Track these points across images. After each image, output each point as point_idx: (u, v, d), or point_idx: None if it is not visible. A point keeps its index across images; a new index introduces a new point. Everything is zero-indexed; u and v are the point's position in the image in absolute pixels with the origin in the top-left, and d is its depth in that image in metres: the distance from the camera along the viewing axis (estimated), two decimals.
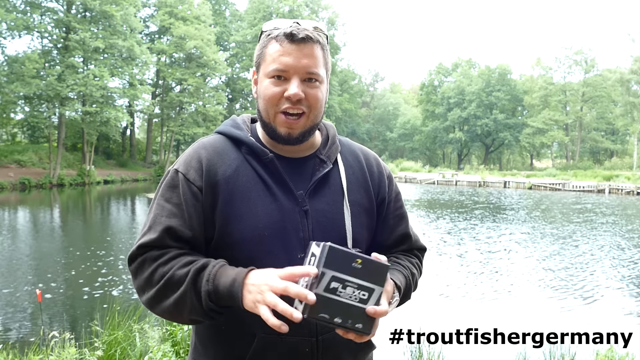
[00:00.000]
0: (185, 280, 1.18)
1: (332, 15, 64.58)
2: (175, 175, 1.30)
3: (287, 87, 1.28)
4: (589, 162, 59.27)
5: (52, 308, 7.55)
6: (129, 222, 18.60)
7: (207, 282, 1.17)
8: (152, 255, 1.23)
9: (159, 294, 1.22)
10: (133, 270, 1.27)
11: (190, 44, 44.19)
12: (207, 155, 1.32)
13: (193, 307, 1.19)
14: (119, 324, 4.63)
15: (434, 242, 13.83)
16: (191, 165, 1.30)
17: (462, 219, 19.12)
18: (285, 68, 1.27)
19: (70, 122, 38.84)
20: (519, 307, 8.03)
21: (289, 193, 1.32)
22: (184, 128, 46.82)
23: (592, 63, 63.39)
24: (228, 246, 1.27)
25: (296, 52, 1.27)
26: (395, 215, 1.50)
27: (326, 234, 1.31)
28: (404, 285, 1.37)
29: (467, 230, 16.34)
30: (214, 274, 1.18)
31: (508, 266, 10.95)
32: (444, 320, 6.68)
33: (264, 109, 1.32)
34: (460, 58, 74.68)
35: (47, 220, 19.05)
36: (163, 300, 1.22)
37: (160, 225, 1.25)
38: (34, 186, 33.52)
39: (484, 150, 71.81)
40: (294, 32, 1.27)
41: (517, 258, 11.84)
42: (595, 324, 7.17)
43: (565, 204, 26.43)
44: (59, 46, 37.34)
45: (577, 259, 11.73)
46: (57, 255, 11.88)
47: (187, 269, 1.19)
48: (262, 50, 1.33)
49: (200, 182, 1.28)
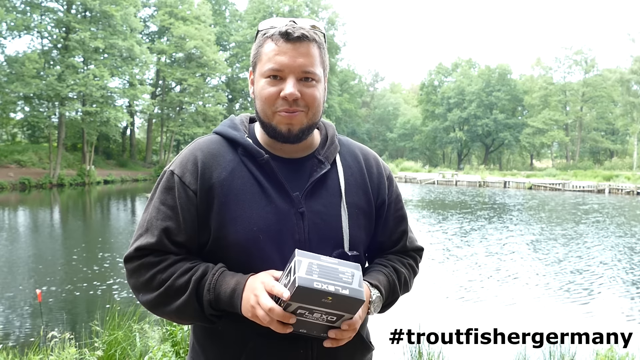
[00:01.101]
0: (187, 290, 1.22)
1: (332, 15, 64.54)
2: (171, 177, 1.31)
3: (283, 87, 1.26)
4: (589, 162, 59.25)
5: (52, 308, 7.54)
6: (129, 222, 18.59)
7: (209, 292, 1.21)
8: (150, 261, 1.26)
9: (159, 300, 1.25)
10: (130, 271, 1.29)
11: (190, 44, 44.19)
12: (202, 158, 1.31)
13: (195, 315, 1.24)
14: (119, 324, 4.63)
15: (434, 242, 13.83)
16: (187, 168, 1.30)
17: (466, 220, 19.12)
18: (281, 67, 1.26)
19: (70, 122, 38.84)
20: (519, 307, 8.03)
21: (285, 195, 1.30)
22: (184, 128, 46.83)
23: (592, 63, 63.38)
24: (223, 249, 1.27)
25: (292, 52, 1.26)
26: (396, 216, 1.49)
27: (322, 236, 1.31)
28: (385, 285, 1.36)
29: (470, 231, 16.33)
30: (214, 283, 1.21)
31: (508, 267, 10.95)
32: (444, 320, 6.68)
33: (261, 109, 1.31)
34: (460, 58, 74.70)
35: (47, 221, 19.04)
36: (164, 306, 1.25)
37: (156, 228, 1.27)
38: (34, 186, 33.51)
39: (484, 150, 71.80)
40: (290, 31, 1.26)
41: (518, 258, 11.84)
42: (595, 324, 7.17)
43: (572, 205, 26.42)
44: (59, 46, 37.33)
45: (578, 259, 11.73)
46: (57, 255, 11.88)
47: (187, 278, 1.23)
48: (258, 50, 1.31)
49: (195, 185, 1.28)
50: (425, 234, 15.05)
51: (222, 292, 1.20)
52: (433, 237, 14.62)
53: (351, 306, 1.12)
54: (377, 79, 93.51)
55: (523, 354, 4.83)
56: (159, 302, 1.25)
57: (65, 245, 13.55)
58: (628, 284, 9.59)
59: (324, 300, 1.08)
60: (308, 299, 1.08)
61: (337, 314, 1.12)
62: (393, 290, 1.40)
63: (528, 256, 12.09)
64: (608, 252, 12.59)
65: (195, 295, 1.21)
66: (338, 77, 65.61)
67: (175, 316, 1.26)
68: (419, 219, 18.91)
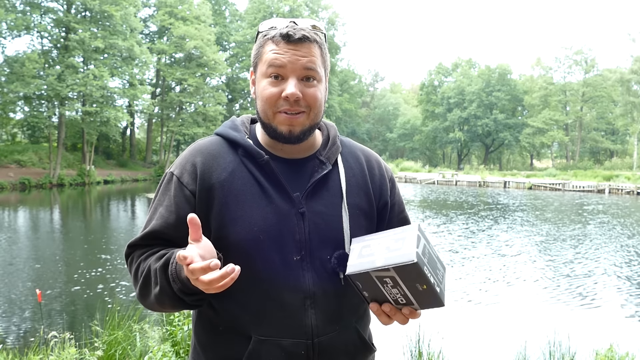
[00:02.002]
0: (158, 278, 1.19)
1: (332, 15, 64.57)
2: (170, 178, 1.33)
3: (285, 87, 1.26)
4: (589, 162, 59.28)
5: (52, 308, 7.55)
6: (129, 222, 18.60)
7: (174, 282, 1.16)
8: (137, 253, 1.30)
9: (141, 290, 1.26)
10: (128, 268, 1.33)
11: (190, 44, 44.19)
12: (202, 159, 1.32)
13: (173, 303, 1.21)
14: (119, 323, 4.64)
15: (438, 244, 13.83)
16: (185, 169, 1.32)
17: (471, 221, 19.12)
18: (282, 68, 1.26)
19: (70, 122, 38.85)
20: (519, 307, 8.03)
21: (285, 195, 1.30)
22: (184, 128, 46.81)
23: (592, 63, 63.41)
24: (223, 250, 1.26)
25: (293, 52, 1.26)
26: (400, 219, 1.49)
27: (323, 237, 1.30)
28: None
29: (476, 232, 16.33)
30: (174, 270, 1.16)
31: (516, 268, 10.95)
32: (444, 320, 6.68)
33: (262, 110, 1.31)
34: (460, 58, 74.73)
35: (47, 220, 19.05)
36: (146, 296, 1.25)
37: (150, 227, 1.30)
38: (34, 186, 33.52)
39: (484, 150, 71.82)
40: (290, 32, 1.26)
41: (527, 260, 11.83)
42: (595, 325, 7.18)
43: (577, 205, 26.42)
44: (59, 46, 37.37)
45: (589, 261, 11.72)
46: (57, 255, 11.88)
47: (156, 266, 1.21)
48: (259, 51, 1.31)
49: (193, 185, 1.29)
50: (430, 235, 15.02)
51: (184, 278, 1.13)
52: (439, 238, 14.62)
53: (429, 302, 1.12)
54: (377, 79, 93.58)
55: (523, 353, 4.84)
56: (142, 292, 1.26)
57: (66, 245, 13.55)
58: (629, 284, 9.59)
59: (417, 285, 1.08)
60: (407, 277, 1.08)
61: (412, 301, 1.13)
62: None
63: (538, 257, 12.06)
64: (619, 253, 12.53)
65: (165, 285, 1.17)
66: (338, 77, 65.62)
67: (158, 306, 1.24)
68: (424, 220, 18.91)
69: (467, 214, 20.81)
